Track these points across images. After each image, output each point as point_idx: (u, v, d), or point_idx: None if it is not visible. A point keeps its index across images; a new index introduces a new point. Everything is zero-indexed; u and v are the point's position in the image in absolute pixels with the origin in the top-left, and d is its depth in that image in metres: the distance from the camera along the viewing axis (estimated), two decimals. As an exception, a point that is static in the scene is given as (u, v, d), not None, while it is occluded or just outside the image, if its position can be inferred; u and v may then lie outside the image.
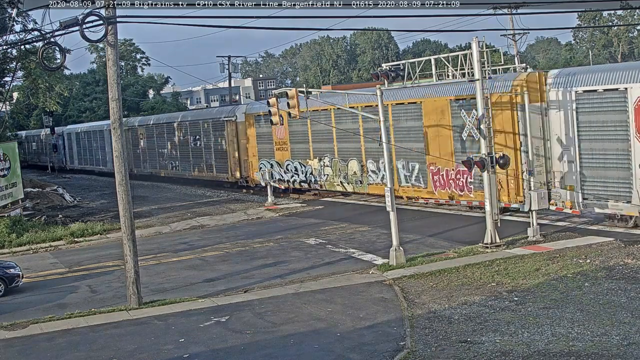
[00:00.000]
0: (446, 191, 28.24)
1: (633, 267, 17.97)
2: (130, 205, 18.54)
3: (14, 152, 34.86)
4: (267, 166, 38.45)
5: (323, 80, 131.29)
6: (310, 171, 36.09)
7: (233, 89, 74.10)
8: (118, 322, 17.05)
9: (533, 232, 22.15)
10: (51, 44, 18.73)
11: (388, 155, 21.52)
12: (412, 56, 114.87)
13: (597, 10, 69.73)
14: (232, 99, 72.20)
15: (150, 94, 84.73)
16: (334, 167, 34.55)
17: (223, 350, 14.47)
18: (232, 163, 42.26)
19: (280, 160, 37.79)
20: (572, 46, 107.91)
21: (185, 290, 19.93)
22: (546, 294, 16.38)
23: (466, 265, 19.63)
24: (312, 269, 21.28)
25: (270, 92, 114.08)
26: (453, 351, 13.31)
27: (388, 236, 21.82)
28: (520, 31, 48.32)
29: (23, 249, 28.21)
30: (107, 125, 59.46)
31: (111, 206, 37.42)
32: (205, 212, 34.69)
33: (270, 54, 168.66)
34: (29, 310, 18.94)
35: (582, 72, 23.62)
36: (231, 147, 42.12)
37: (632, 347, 12.64)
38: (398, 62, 24.76)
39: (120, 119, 18.39)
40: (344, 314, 16.32)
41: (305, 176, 36.40)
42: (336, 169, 34.43)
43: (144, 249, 24.87)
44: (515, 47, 50.61)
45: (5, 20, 32.31)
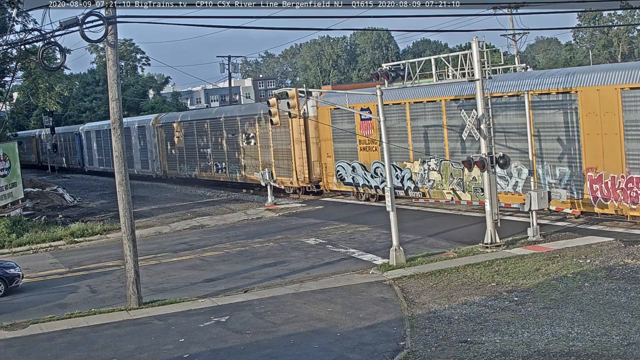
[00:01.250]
0: (612, 203, 22.82)
1: (633, 267, 17.97)
2: (130, 205, 18.54)
3: (14, 152, 34.87)
4: (346, 169, 33.50)
5: (323, 80, 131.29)
6: (409, 176, 30.15)
7: (233, 89, 74.12)
8: (118, 322, 17.05)
9: (533, 232, 22.15)
10: (51, 44, 18.73)
11: (388, 156, 21.49)
12: (412, 56, 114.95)
13: (597, 10, 69.73)
14: (232, 99, 72.23)
15: (150, 94, 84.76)
16: (444, 172, 28.66)
17: (223, 351, 14.47)
18: (298, 165, 36.38)
19: (366, 162, 31.95)
20: (572, 46, 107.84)
21: (185, 290, 19.93)
22: (546, 294, 16.38)
23: (466, 265, 19.63)
24: (312, 269, 21.29)
25: (270, 92, 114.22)
26: (453, 351, 13.31)
27: (388, 236, 21.82)
28: (520, 31, 48.45)
29: (23, 249, 28.22)
30: (137, 121, 54.88)
31: (111, 206, 37.43)
32: (205, 212, 34.70)
33: (270, 54, 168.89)
34: (29, 310, 18.95)
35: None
36: (298, 146, 36.29)
37: (632, 347, 12.64)
38: (398, 62, 24.75)
39: (121, 119, 18.40)
40: (344, 314, 16.32)
41: (402, 182, 30.56)
42: (446, 173, 28.54)
43: (144, 249, 24.88)
44: (515, 47, 50.71)
45: (5, 20, 32.32)
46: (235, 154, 42.02)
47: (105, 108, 71.08)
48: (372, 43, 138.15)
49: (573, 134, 23.75)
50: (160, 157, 51.12)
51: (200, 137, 45.77)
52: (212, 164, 44.87)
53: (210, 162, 45.02)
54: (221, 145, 43.36)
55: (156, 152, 51.52)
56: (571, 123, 23.69)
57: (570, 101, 23.66)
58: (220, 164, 43.85)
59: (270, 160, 38.38)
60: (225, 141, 42.81)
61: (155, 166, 51.88)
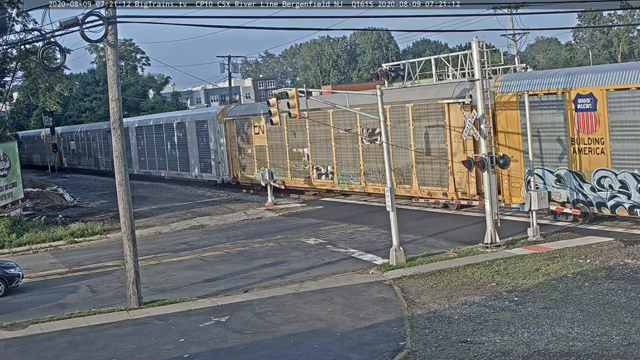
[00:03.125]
0: None
1: (633, 267, 17.97)
2: (130, 205, 18.55)
3: (14, 152, 34.89)
4: (547, 178, 24.32)
5: (323, 80, 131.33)
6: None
7: (233, 89, 74.10)
8: (118, 322, 17.05)
9: (533, 232, 22.15)
10: (51, 44, 18.73)
11: (388, 156, 21.49)
12: (412, 56, 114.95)
13: (597, 10, 69.72)
14: (232, 99, 72.23)
15: (150, 94, 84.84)
16: None
17: (223, 350, 14.47)
18: (454, 171, 27.55)
19: (586, 169, 23.05)
20: (572, 46, 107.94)
21: (185, 290, 19.93)
22: (546, 294, 16.38)
23: (466, 265, 19.63)
24: (312, 269, 21.28)
25: (270, 92, 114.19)
26: (453, 351, 13.30)
27: (388, 236, 21.82)
28: (520, 31, 48.45)
29: (23, 249, 28.22)
30: (194, 115, 45.97)
31: (111, 206, 37.43)
32: (205, 212, 34.69)
33: (270, 54, 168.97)
34: (29, 310, 18.94)
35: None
36: (455, 144, 27.45)
37: (632, 347, 12.64)
38: (398, 62, 24.76)
39: (121, 119, 18.41)
40: (344, 314, 16.32)
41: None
42: None
43: (144, 249, 24.88)
44: (515, 47, 50.71)
45: (5, 20, 32.33)
46: (351, 155, 32.89)
47: (105, 108, 71.07)
48: (372, 43, 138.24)
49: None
50: (228, 158, 42.11)
51: (293, 134, 36.40)
52: (310, 167, 35.34)
53: (309, 165, 35.44)
54: (327, 142, 34.37)
55: (223, 153, 42.28)
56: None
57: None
58: (325, 167, 34.46)
59: (411, 163, 29.81)
60: (335, 138, 33.81)
61: (222, 170, 42.47)
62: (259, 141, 39.16)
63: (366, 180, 32.18)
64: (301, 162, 36.27)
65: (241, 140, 40.76)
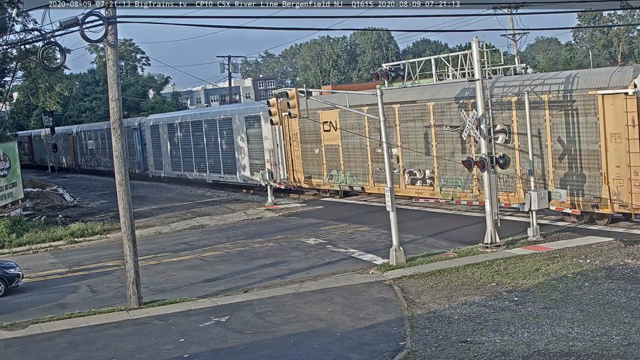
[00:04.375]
0: None
1: (633, 267, 17.97)
2: (130, 205, 18.54)
3: (14, 152, 34.87)
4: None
5: (323, 80, 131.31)
6: None
7: (233, 89, 74.13)
8: (118, 322, 17.05)
9: (533, 232, 22.15)
10: (51, 44, 18.72)
11: (388, 156, 21.50)
12: (412, 56, 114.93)
13: (597, 10, 69.72)
14: (232, 99, 72.24)
15: (150, 94, 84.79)
16: None
17: (223, 350, 14.47)
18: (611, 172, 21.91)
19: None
20: (572, 46, 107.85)
21: (185, 290, 19.93)
22: (546, 294, 16.38)
23: (466, 265, 19.63)
24: (312, 269, 21.28)
25: (270, 92, 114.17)
26: (453, 351, 13.31)
27: (388, 236, 21.82)
28: (520, 31, 48.48)
29: (23, 249, 28.21)
30: (243, 110, 40.67)
31: (111, 206, 37.42)
32: (205, 212, 34.69)
33: (270, 54, 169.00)
34: (29, 310, 18.94)
35: None
36: (618, 145, 21.67)
37: (632, 347, 12.63)
38: (398, 62, 24.75)
39: (120, 119, 18.40)
40: (344, 314, 16.32)
41: None
42: None
43: (144, 249, 24.88)
44: (515, 47, 50.73)
45: (5, 20, 32.33)
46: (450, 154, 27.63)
47: (105, 108, 71.03)
48: (372, 43, 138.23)
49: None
50: (285, 159, 37.13)
51: (377, 131, 29.00)
52: (400, 170, 30.02)
53: (399, 169, 30.12)
54: (424, 140, 28.78)
55: (279, 153, 37.51)
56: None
57: None
58: (423, 171, 29.09)
59: (548, 166, 24.13)
60: (433, 136, 28.26)
61: (280, 173, 37.63)
62: (331, 139, 33.59)
63: (480, 187, 26.04)
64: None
65: (302, 138, 35.71)
